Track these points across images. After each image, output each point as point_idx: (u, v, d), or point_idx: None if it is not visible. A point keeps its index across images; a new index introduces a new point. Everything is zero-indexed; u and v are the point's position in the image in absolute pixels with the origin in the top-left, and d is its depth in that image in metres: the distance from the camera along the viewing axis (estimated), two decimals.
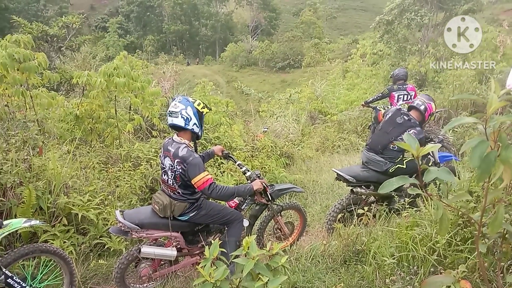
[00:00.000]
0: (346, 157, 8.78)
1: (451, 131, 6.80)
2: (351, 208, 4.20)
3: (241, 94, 38.39)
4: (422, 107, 4.34)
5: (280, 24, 67.13)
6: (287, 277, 1.98)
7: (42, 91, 6.97)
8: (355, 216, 3.80)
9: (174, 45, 63.58)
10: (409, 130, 4.20)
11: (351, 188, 4.26)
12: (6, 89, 6.19)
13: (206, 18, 64.09)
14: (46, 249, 3.07)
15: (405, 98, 7.09)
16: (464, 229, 2.80)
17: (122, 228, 3.16)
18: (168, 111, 3.21)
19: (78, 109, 6.88)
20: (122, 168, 5.28)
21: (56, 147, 5.68)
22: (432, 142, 4.41)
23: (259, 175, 3.62)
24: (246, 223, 3.61)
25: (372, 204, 4.23)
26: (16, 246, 3.77)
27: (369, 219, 3.75)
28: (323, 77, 21.76)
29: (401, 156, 4.26)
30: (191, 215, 3.30)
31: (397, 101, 7.19)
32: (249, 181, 3.56)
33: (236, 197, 3.61)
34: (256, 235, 4.00)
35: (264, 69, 49.40)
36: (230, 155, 3.86)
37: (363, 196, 4.29)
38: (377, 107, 7.68)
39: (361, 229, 3.63)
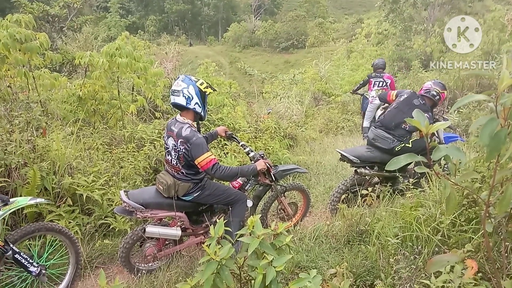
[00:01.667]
0: (350, 138, 8.75)
1: (456, 112, 6.75)
2: (355, 189, 4.20)
3: (244, 75, 38.13)
4: (436, 98, 4.38)
5: (284, 3, 66.15)
6: (292, 256, 1.98)
7: (44, 72, 6.94)
8: (359, 196, 3.80)
9: (176, 25, 62.88)
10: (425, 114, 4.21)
11: (355, 168, 4.26)
12: (9, 70, 6.17)
13: None
14: (52, 228, 3.10)
15: (380, 85, 8.03)
16: (469, 209, 2.79)
17: (127, 208, 3.17)
18: (171, 90, 3.19)
19: (81, 90, 6.85)
20: (126, 149, 5.28)
21: (59, 128, 5.67)
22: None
23: (262, 155, 3.61)
24: (250, 203, 3.62)
25: (376, 185, 4.22)
26: (22, 226, 3.81)
27: (372, 199, 3.75)
28: (327, 58, 21.55)
29: (409, 136, 4.26)
30: (195, 195, 3.31)
31: (373, 86, 8.13)
32: (252, 162, 3.55)
33: (240, 178, 3.61)
34: (260, 216, 4.02)
35: (267, 49, 48.94)
36: (233, 135, 3.84)
37: (367, 176, 4.29)
38: (364, 94, 8.71)
39: (365, 209, 3.62)
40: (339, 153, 4.34)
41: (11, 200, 2.84)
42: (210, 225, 3.59)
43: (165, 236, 3.31)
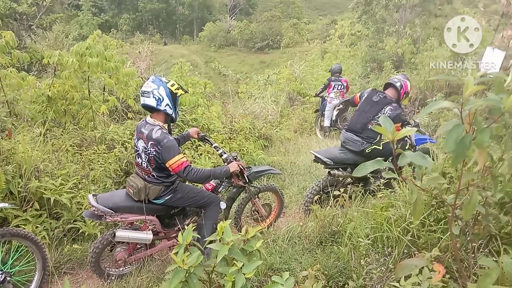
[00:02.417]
0: (325, 138, 8.82)
1: (424, 114, 6.87)
2: (328, 190, 4.23)
3: (219, 75, 37.97)
4: (398, 84, 4.37)
5: (259, 4, 66.25)
6: (262, 261, 1.96)
7: (11, 72, 6.69)
8: (331, 197, 3.82)
9: (150, 24, 61.95)
10: (385, 106, 4.27)
11: (329, 170, 4.28)
12: None
13: None
14: (16, 233, 2.98)
15: (339, 87, 9.13)
16: (437, 210, 2.85)
17: (96, 212, 3.08)
18: (141, 91, 3.12)
19: (50, 90, 6.64)
20: (96, 151, 5.15)
21: (27, 130, 5.47)
22: (409, 126, 4.45)
23: (235, 157, 3.59)
24: (223, 205, 3.59)
25: (348, 186, 4.27)
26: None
27: (345, 200, 3.78)
28: (302, 58, 21.70)
29: (379, 137, 4.30)
30: (166, 198, 3.25)
31: (333, 89, 9.16)
32: (225, 163, 3.52)
33: (213, 180, 3.58)
34: (233, 218, 4.00)
35: (243, 49, 48.90)
36: (206, 137, 3.80)
37: (340, 178, 4.32)
38: (324, 96, 9.53)
39: (337, 210, 3.65)
40: (313, 154, 4.36)
41: None
42: (183, 228, 3.55)
43: (135, 241, 3.25)
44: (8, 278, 2.86)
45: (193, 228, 3.56)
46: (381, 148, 4.21)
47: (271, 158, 6.30)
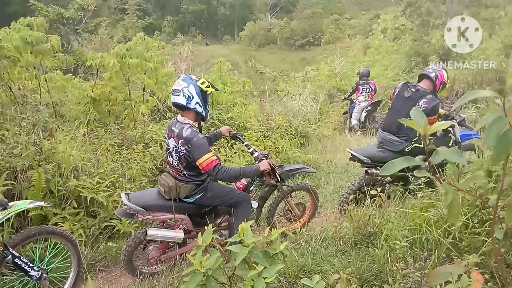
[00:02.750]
0: (363, 136, 8.55)
1: (473, 107, 6.51)
2: (365, 189, 4.06)
3: (258, 74, 38.01)
4: (432, 74, 4.08)
5: (300, 1, 65.58)
6: (283, 265, 1.87)
7: (57, 74, 7.00)
8: (368, 197, 3.65)
9: (192, 25, 63.11)
10: (419, 100, 3.97)
11: (366, 169, 4.11)
12: (19, 72, 6.23)
13: None
14: (52, 231, 3.07)
15: (367, 91, 9.37)
16: (482, 211, 2.64)
17: (128, 211, 3.12)
18: (171, 89, 3.13)
19: (92, 91, 6.88)
20: (133, 150, 5.25)
21: (70, 130, 5.66)
22: (454, 120, 4.18)
23: (266, 155, 3.52)
24: (255, 204, 3.53)
25: (387, 185, 4.08)
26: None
27: (382, 200, 3.60)
28: (343, 54, 21.25)
29: (419, 134, 4.06)
30: (197, 197, 3.24)
31: (361, 92, 9.41)
32: (257, 162, 3.46)
33: (244, 179, 3.53)
34: (266, 217, 3.94)
35: (283, 47, 48.62)
36: (237, 135, 3.76)
37: (378, 177, 4.13)
38: (352, 99, 9.85)
39: (374, 210, 3.49)
40: (350, 152, 4.20)
41: (10, 204, 2.81)
42: (214, 227, 3.53)
43: (166, 239, 3.25)
44: (45, 275, 2.94)
45: (224, 227, 3.56)
46: (422, 146, 3.97)
47: (307, 156, 6.15)
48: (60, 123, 6.12)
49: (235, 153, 5.66)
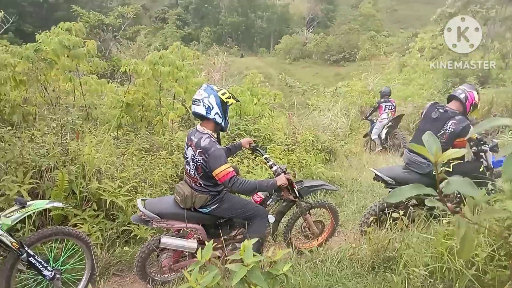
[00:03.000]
0: (392, 155, 8.30)
1: (510, 132, 6.20)
2: (389, 211, 3.91)
3: (290, 87, 38.08)
4: (462, 96, 3.85)
5: (337, 17, 65.53)
6: None
7: (92, 78, 7.23)
8: (389, 220, 3.49)
9: (229, 36, 64.18)
10: (447, 121, 3.76)
11: (390, 190, 3.95)
12: (55, 74, 6.47)
13: (262, 10, 63.99)
14: (68, 232, 3.10)
15: (389, 108, 9.52)
16: (510, 243, 2.46)
17: (143, 217, 3.12)
18: (192, 99, 3.13)
19: (125, 96, 7.05)
20: (157, 156, 5.30)
21: (101, 133, 5.78)
22: (486, 145, 3.96)
23: (284, 170, 3.44)
24: (271, 219, 3.46)
25: (411, 208, 3.90)
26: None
27: (404, 224, 3.44)
28: (378, 71, 20.93)
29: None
30: (212, 207, 3.20)
31: (384, 110, 9.52)
32: (274, 176, 3.39)
33: (261, 192, 3.47)
34: (283, 233, 3.84)
35: (318, 61, 48.59)
36: (257, 148, 3.71)
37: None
38: (373, 119, 9.97)
39: (395, 234, 3.33)
40: (373, 172, 4.06)
41: (28, 203, 2.87)
42: (229, 239, 3.48)
43: (180, 248, 3.22)
44: (58, 276, 2.96)
45: (239, 240, 3.50)
46: (450, 169, 3.78)
47: (331, 173, 6.00)
48: (91, 126, 6.29)
49: (257, 164, 5.60)
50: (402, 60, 22.14)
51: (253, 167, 5.49)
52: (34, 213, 3.44)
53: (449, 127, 3.74)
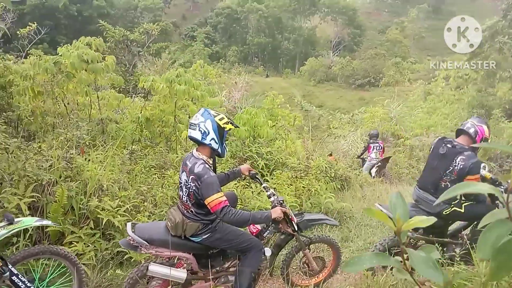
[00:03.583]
0: (409, 187, 7.98)
1: None
2: (396, 251, 3.67)
3: (316, 108, 37.91)
4: (471, 130, 3.63)
5: (364, 41, 65.39)
6: None
7: (110, 92, 7.30)
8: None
9: (256, 56, 64.90)
10: (456, 157, 3.54)
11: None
12: (74, 87, 6.56)
13: (289, 32, 64.57)
14: (56, 252, 3.02)
15: (377, 148, 10.41)
16: None
17: (131, 242, 3.00)
18: (189, 122, 3.04)
19: (141, 112, 7.08)
20: (162, 175, 5.22)
21: (114, 148, 5.75)
22: (501, 186, 3.71)
23: (281, 201, 3.28)
24: (268, 252, 3.29)
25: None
26: (44, 244, 3.82)
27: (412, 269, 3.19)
28: (402, 98, 20.61)
29: (459, 197, 3.63)
30: (204, 237, 3.05)
31: (373, 150, 10.41)
32: (270, 207, 3.23)
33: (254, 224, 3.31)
34: (280, 267, 3.65)
35: (343, 85, 48.37)
36: (257, 176, 3.57)
37: (411, 239, 3.72)
38: (364, 158, 10.80)
39: (397, 280, 3.09)
40: (379, 208, 3.84)
41: (16, 219, 2.81)
42: (221, 270, 3.32)
43: (168, 277, 3.07)
44: None
45: (232, 272, 3.33)
46: (462, 210, 3.54)
47: (340, 204, 5.72)
48: (105, 140, 6.27)
49: (258, 193, 5.40)
50: (427, 88, 21.73)
51: (258, 193, 5.31)
52: (31, 227, 3.43)
53: (458, 163, 3.52)
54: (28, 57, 8.31)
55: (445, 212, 3.57)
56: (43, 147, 4.52)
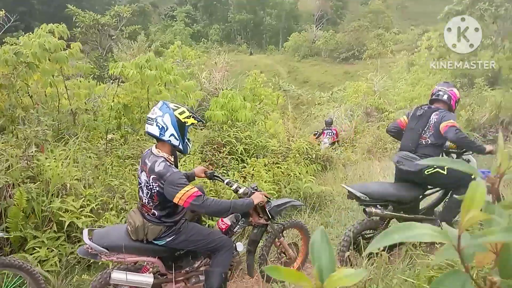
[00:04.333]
0: (392, 164, 7.86)
1: None
2: (368, 235, 3.56)
3: (302, 83, 37.59)
4: (445, 97, 3.70)
5: (347, 14, 64.68)
6: None
7: (80, 81, 6.94)
8: (363, 255, 3.07)
9: (238, 34, 63.81)
10: (431, 115, 3.64)
11: (363, 208, 3.53)
12: (37, 79, 6.21)
13: (271, 7, 63.42)
14: (9, 263, 2.80)
15: (330, 134, 11.29)
16: None
17: (89, 251, 2.78)
18: (146, 117, 2.79)
19: (113, 100, 6.79)
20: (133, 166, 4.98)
21: (83, 141, 5.46)
22: (467, 154, 3.85)
23: (256, 187, 3.09)
24: (240, 247, 3.12)
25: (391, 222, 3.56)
26: (6, 251, 3.60)
27: (388, 259, 3.02)
28: (386, 70, 20.43)
29: (440, 154, 3.63)
30: (168, 239, 2.84)
31: (326, 136, 11.25)
32: (245, 197, 3.02)
33: (228, 217, 3.12)
34: (258, 264, 3.46)
35: (327, 59, 47.89)
36: (215, 174, 3.35)
37: (379, 218, 3.55)
38: (320, 141, 11.04)
39: (373, 272, 2.92)
40: (346, 189, 3.65)
41: None
42: (192, 271, 3.14)
43: (134, 284, 2.87)
44: None
45: (203, 272, 3.16)
46: (445, 172, 3.39)
47: (320, 188, 5.54)
48: (79, 131, 5.95)
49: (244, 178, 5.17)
50: (411, 59, 21.48)
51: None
52: None
53: (433, 118, 3.61)
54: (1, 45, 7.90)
55: (427, 172, 3.42)
56: (1, 147, 4.24)
